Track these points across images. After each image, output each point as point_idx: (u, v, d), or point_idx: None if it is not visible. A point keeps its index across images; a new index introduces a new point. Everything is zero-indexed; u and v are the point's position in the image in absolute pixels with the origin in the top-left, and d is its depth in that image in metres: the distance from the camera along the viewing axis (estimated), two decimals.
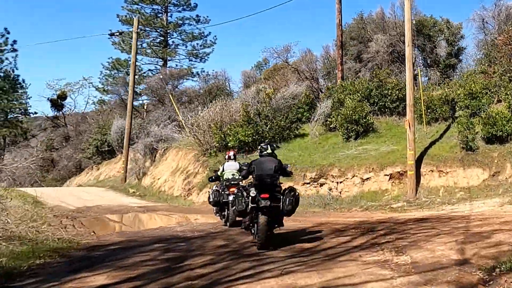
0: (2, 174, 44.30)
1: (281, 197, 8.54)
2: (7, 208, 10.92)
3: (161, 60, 44.64)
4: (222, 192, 11.82)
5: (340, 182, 16.99)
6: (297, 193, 8.79)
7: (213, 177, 13.03)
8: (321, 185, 17.34)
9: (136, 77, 44.56)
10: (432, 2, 55.76)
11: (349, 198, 16.06)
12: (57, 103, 52.92)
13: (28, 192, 22.85)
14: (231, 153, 12.92)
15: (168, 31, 44.31)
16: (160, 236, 10.43)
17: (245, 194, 8.62)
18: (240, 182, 11.55)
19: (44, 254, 7.99)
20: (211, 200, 12.25)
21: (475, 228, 9.08)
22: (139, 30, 41.50)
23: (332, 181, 17.16)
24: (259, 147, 9.59)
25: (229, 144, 20.37)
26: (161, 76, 35.66)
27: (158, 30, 44.48)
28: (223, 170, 12.43)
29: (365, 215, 13.40)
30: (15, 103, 51.35)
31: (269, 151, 9.17)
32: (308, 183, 17.50)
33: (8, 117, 51.80)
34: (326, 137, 20.78)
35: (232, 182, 11.81)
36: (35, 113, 51.90)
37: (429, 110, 19.07)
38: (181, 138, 25.67)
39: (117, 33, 26.39)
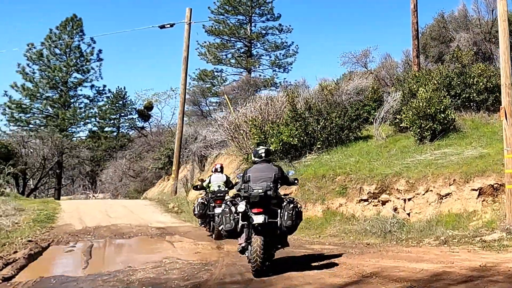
0: (111, 185, 43.04)
1: (279, 211, 6.95)
2: None
3: (245, 70, 43.41)
4: (208, 204, 11.10)
5: (409, 199, 11.56)
6: (298, 206, 7.14)
7: (198, 186, 12.14)
8: (383, 203, 12.04)
9: (221, 88, 42.75)
10: None
11: (420, 224, 10.56)
12: (144, 113, 51.64)
13: (62, 206, 19.39)
14: (218, 165, 12.00)
15: (252, 41, 43.31)
16: None
17: (233, 209, 6.96)
18: (226, 195, 10.95)
19: None
20: (196, 212, 11.46)
21: None
22: (225, 38, 42.25)
23: (398, 198, 11.79)
24: (253, 151, 7.93)
25: (270, 147, 15.36)
26: (236, 84, 33.12)
27: (242, 40, 43.45)
28: (209, 182, 11.52)
29: (441, 255, 7.96)
30: (126, 119, 51.36)
31: (265, 156, 7.54)
32: (365, 200, 12.27)
33: (120, 131, 51.36)
34: (395, 140, 15.39)
35: (218, 195, 11.00)
36: (142, 127, 51.15)
37: None
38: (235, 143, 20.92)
39: (168, 25, 23.50)
